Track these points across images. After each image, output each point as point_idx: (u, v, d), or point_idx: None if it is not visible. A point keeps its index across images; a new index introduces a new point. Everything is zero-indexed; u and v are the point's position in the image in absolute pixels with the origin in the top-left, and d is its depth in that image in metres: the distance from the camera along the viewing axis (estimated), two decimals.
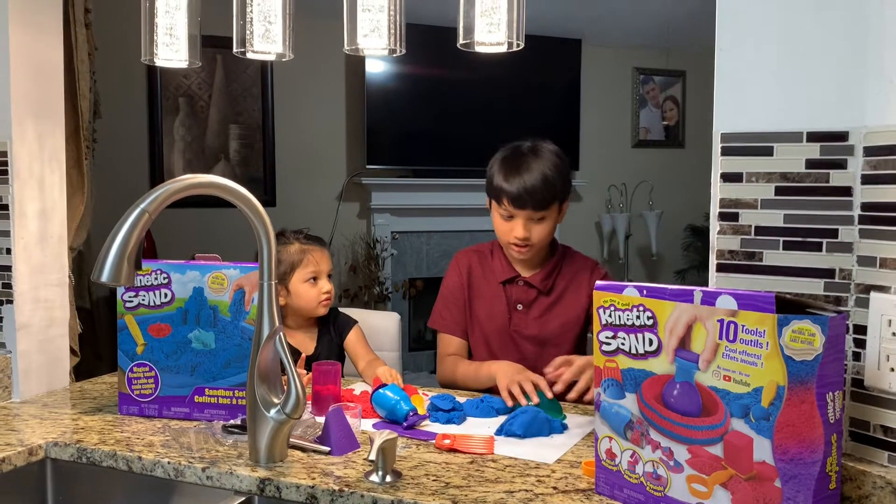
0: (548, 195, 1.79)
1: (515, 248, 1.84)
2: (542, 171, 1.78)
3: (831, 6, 1.07)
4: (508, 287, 1.92)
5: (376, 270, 4.89)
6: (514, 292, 1.91)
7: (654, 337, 1.07)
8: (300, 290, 1.94)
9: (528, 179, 1.77)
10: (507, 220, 1.83)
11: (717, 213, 1.15)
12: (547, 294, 1.90)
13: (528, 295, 1.90)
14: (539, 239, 1.83)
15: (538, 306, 1.90)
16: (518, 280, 1.91)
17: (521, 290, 1.91)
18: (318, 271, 1.96)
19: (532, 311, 1.90)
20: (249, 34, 1.46)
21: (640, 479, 1.11)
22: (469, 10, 1.28)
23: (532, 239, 1.82)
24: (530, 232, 1.81)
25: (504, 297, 1.91)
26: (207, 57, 4.44)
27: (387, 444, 1.20)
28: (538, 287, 1.89)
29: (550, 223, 1.84)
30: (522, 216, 1.80)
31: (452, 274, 1.98)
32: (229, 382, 1.50)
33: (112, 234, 1.12)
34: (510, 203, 1.80)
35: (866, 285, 1.06)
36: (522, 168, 1.79)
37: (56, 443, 1.39)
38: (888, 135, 1.03)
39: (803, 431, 0.94)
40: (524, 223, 1.80)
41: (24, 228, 1.64)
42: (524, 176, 1.78)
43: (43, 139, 1.69)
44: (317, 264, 1.96)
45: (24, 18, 1.63)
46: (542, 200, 1.78)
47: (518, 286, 1.91)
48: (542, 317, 1.90)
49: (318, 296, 1.96)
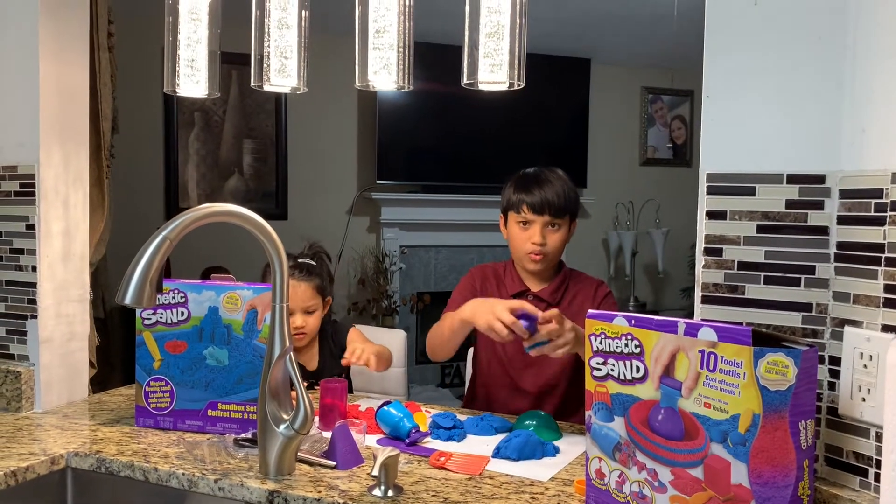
0: (564, 203, 1.93)
1: (531, 256, 1.93)
2: (559, 184, 1.94)
3: (810, 61, 1.15)
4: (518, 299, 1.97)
5: (385, 284, 4.96)
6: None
7: (640, 364, 1.14)
8: None
9: (548, 189, 1.93)
10: (524, 229, 1.94)
11: (703, 249, 1.22)
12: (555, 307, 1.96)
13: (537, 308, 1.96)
14: (553, 248, 1.94)
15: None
16: (528, 294, 1.98)
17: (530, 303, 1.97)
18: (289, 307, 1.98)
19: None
20: (266, 68, 1.54)
21: (628, 498, 1.18)
22: (472, 52, 1.36)
23: (548, 246, 1.93)
24: (546, 239, 1.92)
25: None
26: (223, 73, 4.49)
27: (389, 461, 1.27)
28: (547, 300, 1.96)
29: (563, 234, 1.96)
30: (540, 222, 1.92)
31: (467, 283, 2.05)
32: (241, 398, 1.57)
33: (136, 260, 1.20)
34: (529, 209, 1.92)
35: (841, 319, 1.13)
36: (541, 180, 1.95)
37: (76, 453, 1.46)
38: (861, 179, 1.10)
39: (777, 457, 1.01)
40: (541, 229, 1.92)
41: (48, 247, 1.73)
42: (543, 187, 1.93)
43: (68, 161, 1.77)
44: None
45: (54, 48, 1.72)
46: (561, 208, 1.92)
47: (527, 300, 1.97)
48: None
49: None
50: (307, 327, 2.03)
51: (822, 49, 1.14)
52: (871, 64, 1.10)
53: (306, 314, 2.03)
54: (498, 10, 1.35)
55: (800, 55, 1.15)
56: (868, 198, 1.09)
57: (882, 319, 1.07)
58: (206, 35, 1.60)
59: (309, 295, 2.03)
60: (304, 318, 2.02)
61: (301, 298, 2.01)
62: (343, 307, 4.96)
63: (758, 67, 1.18)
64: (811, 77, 1.14)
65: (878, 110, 1.08)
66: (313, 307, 2.04)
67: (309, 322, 2.03)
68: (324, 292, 2.07)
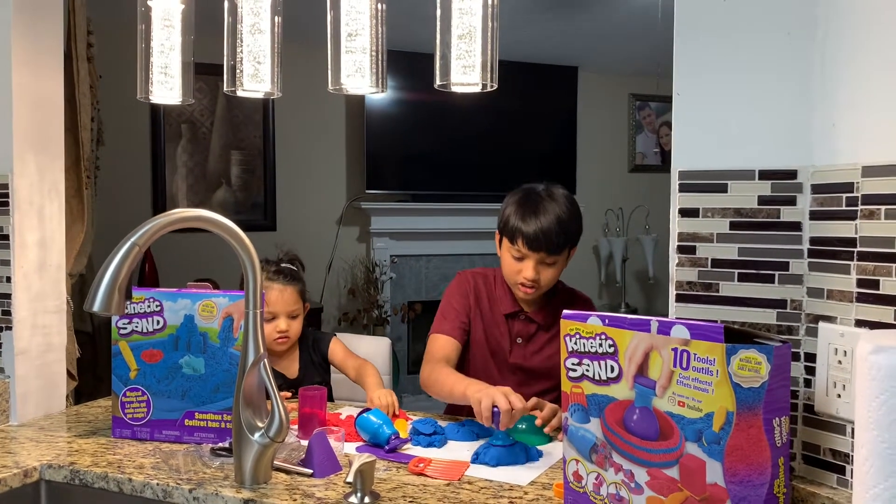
0: (562, 240, 1.81)
1: (522, 288, 1.85)
2: (558, 214, 1.81)
3: (780, 56, 1.15)
4: (511, 321, 1.94)
5: (375, 294, 4.94)
6: (515, 326, 1.93)
7: (615, 364, 1.13)
8: None
9: (545, 221, 1.79)
10: (518, 261, 1.84)
11: (676, 247, 1.21)
12: (546, 329, 1.94)
13: (529, 329, 1.93)
14: (546, 283, 1.85)
15: (537, 340, 1.93)
16: (521, 315, 1.94)
17: (522, 324, 1.93)
18: (273, 312, 2.00)
19: (531, 345, 1.93)
20: (239, 73, 1.53)
21: (605, 500, 1.16)
22: (445, 53, 1.35)
23: (540, 282, 1.84)
24: (539, 275, 1.83)
25: (506, 329, 1.94)
26: (210, 84, 4.54)
27: (365, 467, 1.26)
28: (539, 322, 1.93)
29: (559, 268, 1.86)
30: (534, 259, 1.81)
31: (457, 290, 1.98)
32: (218, 407, 1.56)
33: (104, 267, 1.19)
34: (525, 244, 1.80)
35: (815, 315, 1.12)
36: (539, 210, 1.81)
37: (50, 465, 1.44)
38: (833, 174, 1.09)
39: (751, 455, 1.00)
40: (535, 265, 1.82)
41: (23, 258, 1.71)
42: (541, 218, 1.80)
43: (43, 171, 1.76)
44: (271, 304, 1.99)
45: (27, 58, 1.71)
46: (557, 245, 1.81)
47: (520, 321, 1.94)
48: (541, 350, 1.93)
49: (272, 333, 2.00)
50: (291, 331, 2.04)
51: (792, 44, 1.14)
52: (841, 58, 1.09)
53: (290, 318, 2.04)
54: (469, 11, 1.35)
55: (769, 50, 1.15)
56: (839, 192, 1.08)
57: (855, 314, 1.06)
58: (179, 42, 1.60)
59: (294, 299, 2.04)
60: (288, 322, 2.03)
61: (287, 302, 2.02)
62: (333, 318, 4.94)
63: (728, 63, 1.17)
64: (781, 72, 1.13)
65: (849, 104, 1.08)
66: (296, 311, 2.06)
67: (293, 326, 2.04)
68: (304, 297, 2.10)
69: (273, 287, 2.01)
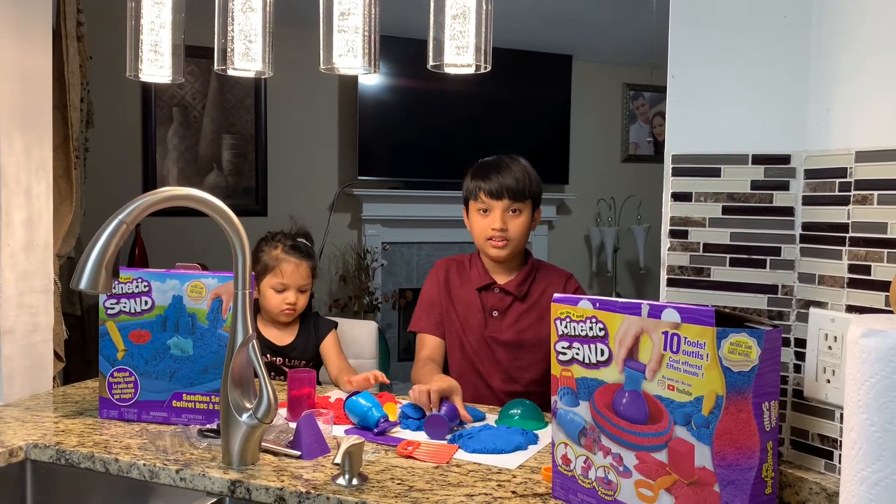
0: (523, 187, 1.91)
1: (493, 242, 1.91)
2: (517, 169, 1.92)
3: (776, 39, 1.14)
4: (484, 294, 1.98)
5: (366, 281, 4.93)
6: (489, 299, 1.97)
7: (605, 347, 1.13)
8: (266, 294, 2.05)
9: (505, 174, 1.91)
10: (484, 216, 1.92)
11: (668, 231, 1.20)
12: (522, 300, 1.96)
13: (504, 301, 1.96)
14: (515, 234, 1.92)
15: (513, 312, 1.96)
16: (494, 287, 1.97)
17: (496, 296, 1.97)
18: (285, 284, 2.04)
19: (507, 318, 1.96)
20: (230, 52, 1.51)
21: (593, 483, 1.16)
22: (438, 34, 1.34)
23: (509, 232, 1.91)
24: (507, 224, 1.90)
25: (480, 304, 1.97)
26: (201, 68, 4.50)
27: (353, 449, 1.25)
28: (513, 293, 1.95)
29: (525, 219, 1.93)
30: (499, 207, 1.90)
31: (431, 281, 2.06)
32: (206, 388, 1.55)
33: (91, 244, 1.17)
34: (487, 195, 1.90)
35: (806, 301, 1.12)
36: (499, 166, 1.93)
37: (36, 444, 1.43)
38: (826, 159, 1.09)
39: (740, 439, 0.99)
40: (501, 214, 1.90)
41: (10, 236, 1.69)
42: (501, 172, 1.91)
43: (30, 150, 1.74)
44: (285, 277, 2.04)
45: (13, 34, 1.68)
46: (519, 192, 1.90)
47: (494, 293, 1.97)
48: (517, 322, 1.96)
49: (280, 304, 2.05)
50: (298, 304, 2.08)
51: (788, 28, 1.13)
52: (836, 42, 1.08)
53: (300, 292, 2.08)
54: None
55: (765, 34, 1.14)
56: (832, 177, 1.08)
57: (846, 300, 1.06)
58: (169, 19, 1.58)
59: (306, 274, 2.09)
60: (298, 295, 2.07)
61: (301, 276, 2.07)
62: (325, 304, 4.93)
63: (723, 47, 1.16)
64: (776, 56, 1.13)
65: (843, 89, 1.07)
66: (307, 286, 2.10)
67: (300, 300, 2.08)
68: (315, 273, 2.14)
69: (290, 261, 2.05)
